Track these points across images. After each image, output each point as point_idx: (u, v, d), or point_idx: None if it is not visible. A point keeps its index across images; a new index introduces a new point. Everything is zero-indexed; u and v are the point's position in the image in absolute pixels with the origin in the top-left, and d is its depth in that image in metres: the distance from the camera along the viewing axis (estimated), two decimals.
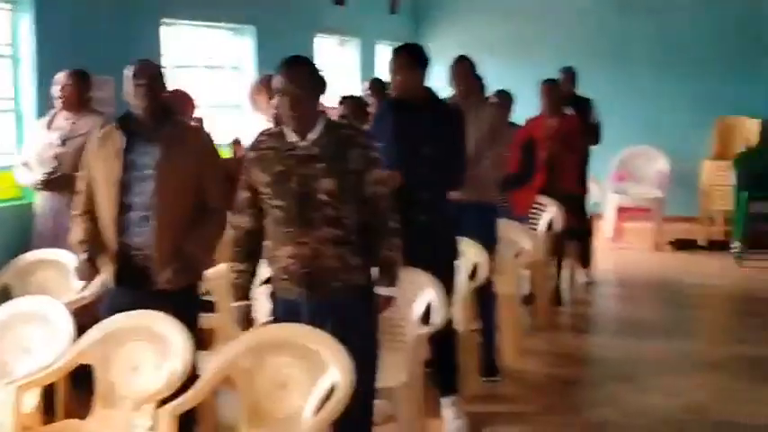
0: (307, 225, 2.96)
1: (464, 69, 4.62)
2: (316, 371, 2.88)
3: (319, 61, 7.41)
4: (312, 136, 2.99)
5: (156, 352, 3.08)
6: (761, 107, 8.63)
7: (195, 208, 3.37)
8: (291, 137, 3.01)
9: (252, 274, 3.16)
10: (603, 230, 8.26)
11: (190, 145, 3.39)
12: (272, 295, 3.14)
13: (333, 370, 2.83)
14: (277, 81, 2.98)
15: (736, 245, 7.62)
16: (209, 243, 3.47)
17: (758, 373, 4.95)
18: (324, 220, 2.96)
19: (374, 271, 3.13)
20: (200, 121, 5.05)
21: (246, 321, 3.18)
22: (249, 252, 3.13)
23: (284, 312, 3.11)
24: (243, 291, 3.16)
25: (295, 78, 2.95)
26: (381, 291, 3.12)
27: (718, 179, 8.26)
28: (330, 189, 2.95)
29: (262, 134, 3.14)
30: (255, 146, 3.12)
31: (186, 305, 3.35)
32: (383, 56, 9.08)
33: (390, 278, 3.12)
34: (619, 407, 4.47)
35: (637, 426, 4.26)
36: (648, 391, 4.67)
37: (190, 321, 3.23)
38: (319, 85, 3.02)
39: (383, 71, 8.79)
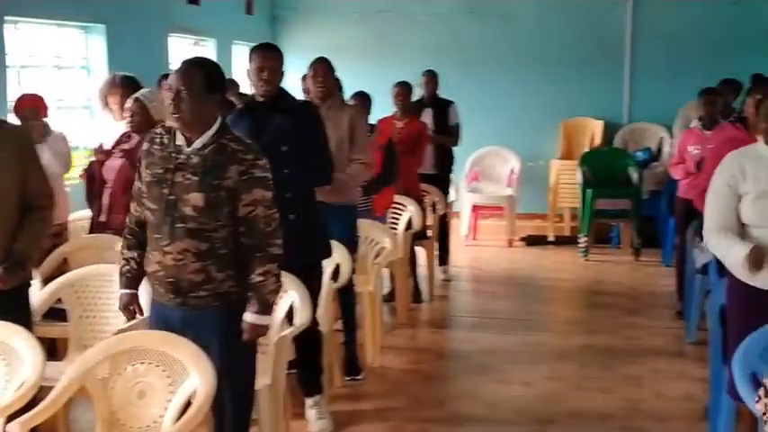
0: (171, 235, 2.88)
1: (324, 70, 4.63)
2: (176, 378, 2.82)
3: (173, 60, 7.27)
4: (197, 144, 2.90)
5: (4, 363, 2.93)
6: (604, 109, 9.07)
7: (21, 207, 3.26)
8: (179, 140, 2.93)
9: (139, 263, 3.05)
10: (460, 229, 8.48)
11: (12, 145, 3.25)
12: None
13: (194, 377, 2.78)
14: (169, 78, 2.90)
15: (582, 240, 7.98)
16: (37, 241, 3.37)
17: (606, 361, 5.20)
18: (186, 233, 2.87)
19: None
20: (43, 124, 4.86)
21: (128, 311, 3.10)
22: (139, 241, 3.04)
23: (155, 315, 3.04)
24: (128, 279, 3.08)
25: (184, 79, 2.86)
26: (248, 317, 2.94)
27: (566, 178, 8.62)
28: (196, 204, 2.85)
29: (162, 127, 3.03)
30: (150, 138, 3.02)
31: (19, 306, 3.26)
32: (239, 56, 8.98)
33: (261, 305, 2.94)
34: (479, 399, 4.61)
35: (496, 416, 4.40)
36: (506, 383, 4.84)
37: (26, 323, 3.13)
38: (214, 90, 2.91)
39: (239, 72, 8.70)
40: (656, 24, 8.89)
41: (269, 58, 3.82)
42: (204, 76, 2.90)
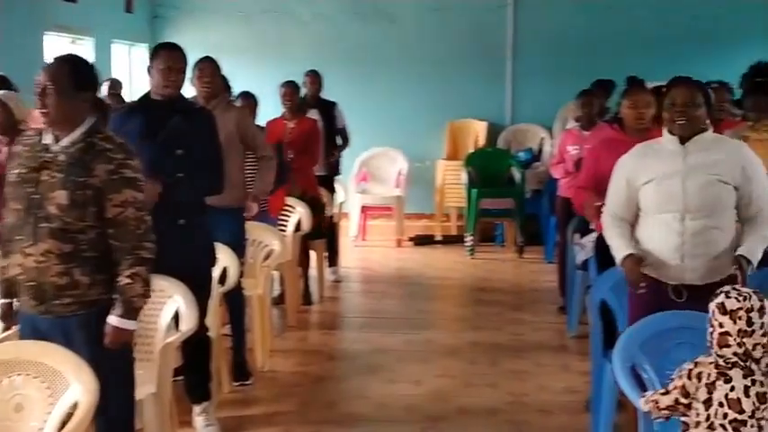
0: (33, 235, 2.77)
1: (211, 70, 4.56)
2: (55, 390, 2.71)
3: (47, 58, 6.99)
4: (65, 142, 2.80)
5: None
6: (487, 110, 9.25)
7: None
8: (47, 138, 2.82)
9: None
10: (349, 229, 8.49)
11: None
12: None
13: (75, 387, 2.67)
14: (38, 74, 2.79)
15: (468, 239, 8.12)
16: None
17: (493, 357, 5.30)
18: (50, 233, 2.76)
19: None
20: None
21: (6, 320, 2.98)
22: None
23: (24, 324, 2.92)
24: (4, 288, 2.95)
25: (51, 75, 2.76)
26: (112, 320, 2.83)
27: (452, 178, 8.75)
28: (60, 202, 2.75)
29: (33, 128, 2.94)
30: (21, 139, 2.91)
31: None
32: (119, 55, 8.73)
33: (126, 309, 2.84)
34: (369, 399, 4.62)
35: (386, 415, 4.42)
36: (396, 382, 4.87)
37: None
38: (82, 88, 2.82)
39: (119, 71, 8.45)
40: (536, 28, 9.13)
41: (177, 59, 3.77)
42: (72, 72, 2.82)
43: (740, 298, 2.58)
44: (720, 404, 2.54)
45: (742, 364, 2.56)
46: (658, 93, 5.25)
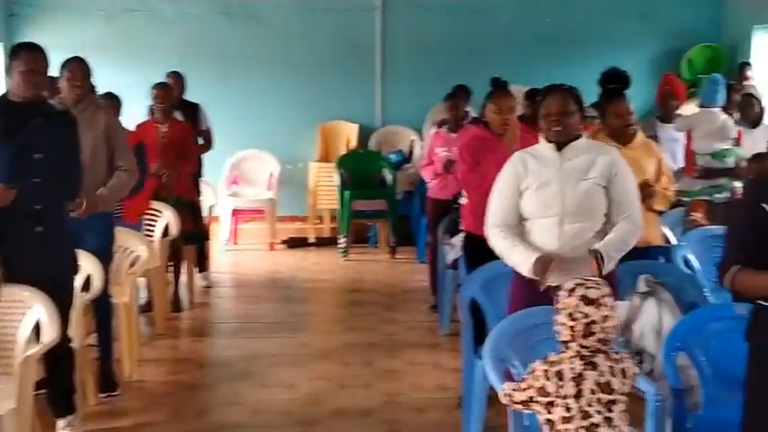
0: None
1: (83, 72, 4.41)
2: None
3: None
4: None
5: None
6: (358, 112, 9.28)
7: None
8: None
9: None
10: (220, 233, 8.35)
11: None
12: None
13: None
14: None
15: (342, 240, 8.13)
16: None
17: (367, 358, 5.33)
18: None
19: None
20: None
21: None
22: None
23: None
24: None
25: None
26: None
27: (324, 180, 8.73)
28: None
29: None
30: None
31: None
32: None
33: None
34: (243, 405, 4.55)
35: (260, 421, 4.38)
36: (270, 387, 4.82)
37: None
38: None
39: None
40: (404, 31, 9.23)
41: (39, 60, 3.63)
42: None
43: (597, 287, 2.72)
44: (592, 391, 2.65)
45: (604, 348, 2.70)
46: (531, 95, 5.48)
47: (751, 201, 2.69)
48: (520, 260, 3.44)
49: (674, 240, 5.04)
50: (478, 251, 4.11)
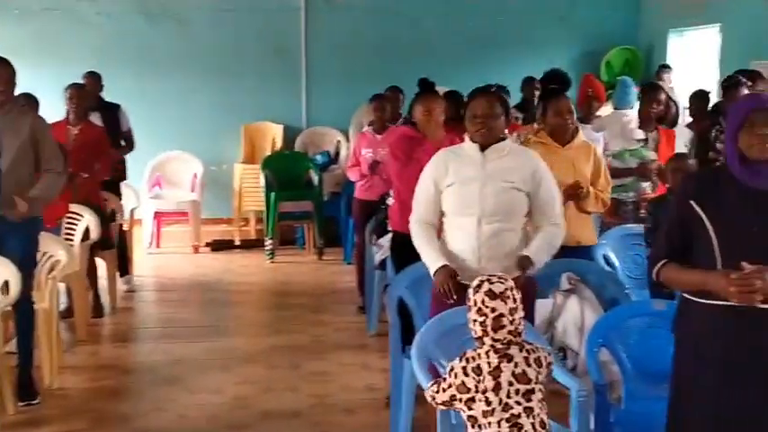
0: None
1: (8, 75, 4.29)
2: None
3: None
4: None
5: None
6: (283, 113, 9.23)
7: None
8: None
9: None
10: (142, 237, 8.20)
11: None
12: None
13: None
14: None
15: (268, 242, 8.07)
16: None
17: (294, 360, 5.29)
18: None
19: None
20: None
21: None
22: None
23: None
24: None
25: None
26: None
27: (250, 182, 8.66)
28: None
29: None
30: None
31: None
32: None
33: None
34: (169, 410, 4.48)
35: (187, 427, 4.31)
36: (196, 392, 4.75)
37: None
38: None
39: None
40: (328, 32, 9.22)
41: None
42: None
43: (501, 281, 2.80)
44: (510, 383, 2.71)
45: (516, 339, 2.78)
46: (450, 97, 5.56)
47: (679, 198, 2.80)
48: (427, 263, 3.54)
49: (594, 239, 5.14)
50: (406, 251, 4.13)
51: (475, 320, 2.78)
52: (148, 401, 4.67)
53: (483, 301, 2.76)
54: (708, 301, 2.66)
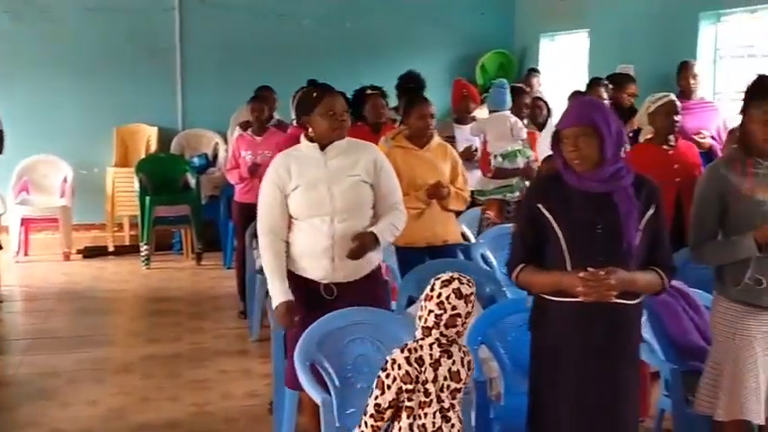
0: None
1: None
2: None
3: None
4: None
5: None
6: (158, 115, 8.99)
7: None
8: None
9: None
10: (9, 244, 7.81)
11: None
12: None
13: None
14: None
15: (144, 248, 7.85)
16: None
17: (173, 369, 5.17)
18: None
19: None
20: None
21: None
22: None
23: None
24: None
25: None
26: None
27: (123, 186, 8.39)
28: None
29: None
30: None
31: None
32: None
33: None
34: (42, 425, 4.31)
35: None
36: (69, 405, 4.57)
37: None
38: None
39: None
40: (204, 31, 9.05)
41: None
42: None
43: (469, 284, 2.84)
44: (445, 378, 2.79)
45: (458, 339, 2.85)
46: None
47: (527, 201, 2.88)
48: (272, 292, 3.47)
49: (472, 238, 5.25)
50: None
51: (431, 311, 2.80)
52: (20, 416, 4.45)
53: (448, 297, 2.79)
54: (563, 299, 2.79)
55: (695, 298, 3.81)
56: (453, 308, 2.79)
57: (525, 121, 6.49)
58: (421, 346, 2.80)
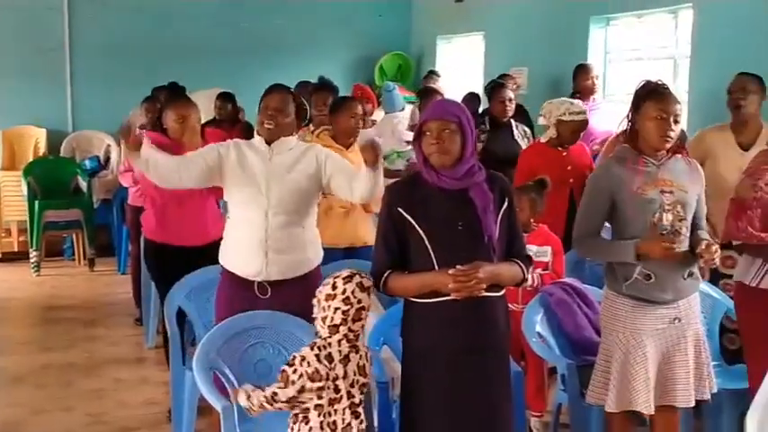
0: None
1: None
2: None
3: None
4: None
5: None
6: (47, 117, 8.70)
7: None
8: None
9: None
10: None
11: None
12: None
13: None
14: None
15: (33, 254, 7.58)
16: None
17: (66, 379, 5.02)
18: None
19: None
20: None
21: None
22: None
23: None
24: None
25: None
26: None
27: (11, 190, 8.08)
28: None
29: None
30: None
31: None
32: None
33: None
34: None
35: None
36: None
37: None
38: None
39: None
40: (95, 31, 8.81)
41: None
42: None
43: (369, 278, 2.87)
44: (355, 373, 2.83)
45: (361, 334, 2.89)
46: (219, 98, 5.51)
47: (387, 207, 2.91)
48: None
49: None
50: (160, 260, 4.29)
51: (337, 308, 2.82)
52: None
53: (353, 292, 2.82)
54: (429, 300, 2.81)
55: (589, 294, 3.93)
56: (359, 301, 2.83)
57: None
58: (330, 344, 2.82)
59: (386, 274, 2.86)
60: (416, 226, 2.81)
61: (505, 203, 2.89)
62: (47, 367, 5.22)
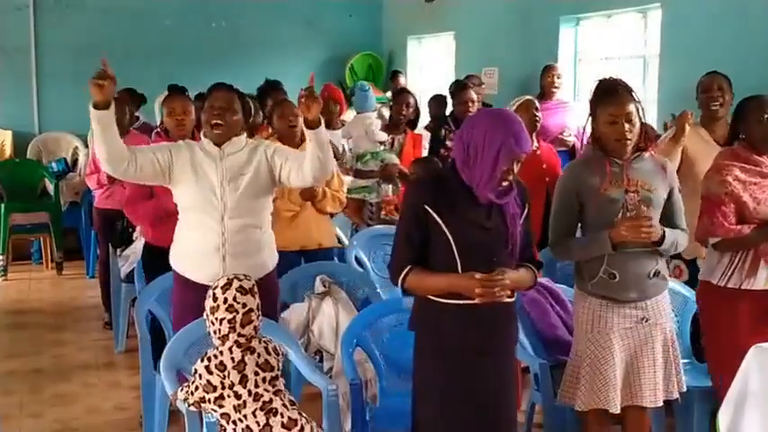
0: None
1: None
2: None
3: None
4: None
5: None
6: (12, 118, 8.60)
7: None
8: None
9: None
10: None
11: None
12: None
13: None
14: None
15: (0, 258, 7.46)
16: None
17: (34, 384, 4.93)
18: None
19: None
20: None
21: None
22: None
23: None
24: None
25: None
26: None
27: None
28: None
29: None
30: None
31: None
32: None
33: None
34: None
35: None
36: None
37: None
38: None
39: None
40: (61, 32, 8.72)
41: None
42: None
43: (248, 278, 2.92)
44: (256, 373, 2.82)
45: (255, 334, 2.90)
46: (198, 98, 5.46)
47: (413, 202, 2.85)
48: None
49: (346, 241, 5.24)
50: (157, 265, 4.06)
51: (222, 319, 2.82)
52: None
53: (234, 297, 2.83)
54: (451, 301, 2.78)
55: (561, 293, 3.93)
56: (244, 305, 2.84)
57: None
58: (221, 352, 2.83)
59: (406, 270, 2.80)
60: (443, 226, 2.76)
61: (526, 210, 2.89)
62: (14, 373, 5.13)
